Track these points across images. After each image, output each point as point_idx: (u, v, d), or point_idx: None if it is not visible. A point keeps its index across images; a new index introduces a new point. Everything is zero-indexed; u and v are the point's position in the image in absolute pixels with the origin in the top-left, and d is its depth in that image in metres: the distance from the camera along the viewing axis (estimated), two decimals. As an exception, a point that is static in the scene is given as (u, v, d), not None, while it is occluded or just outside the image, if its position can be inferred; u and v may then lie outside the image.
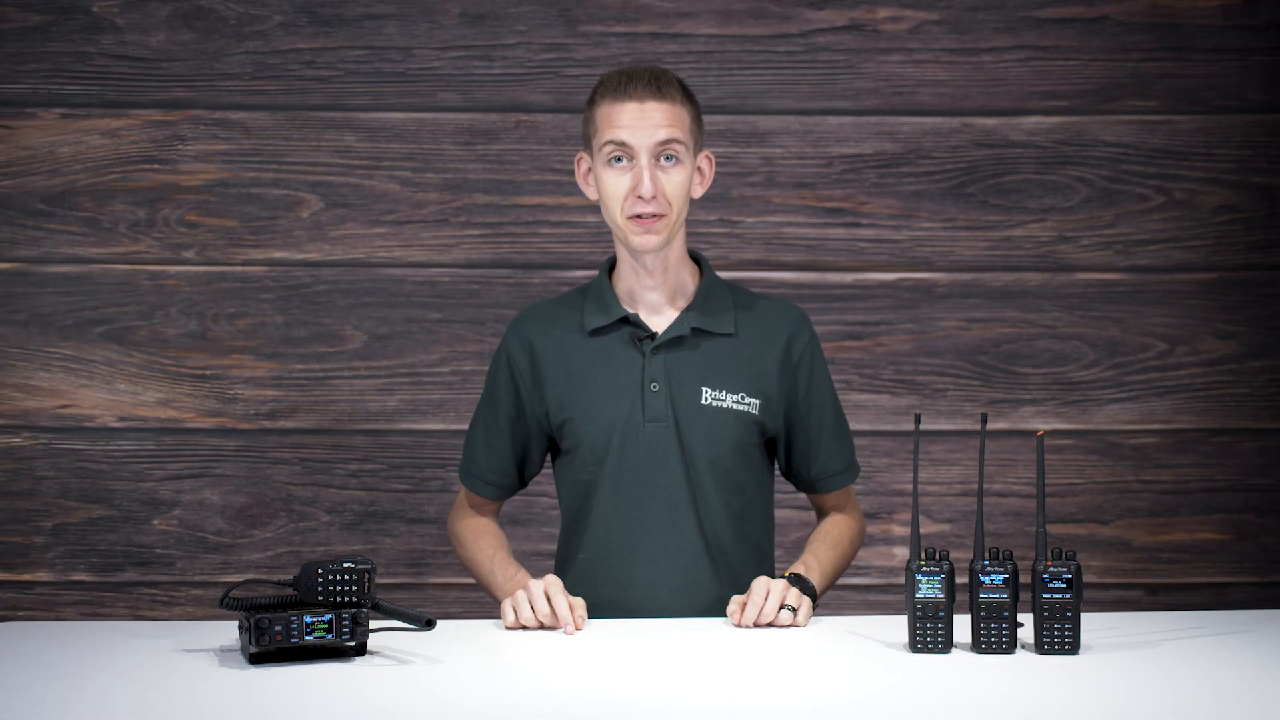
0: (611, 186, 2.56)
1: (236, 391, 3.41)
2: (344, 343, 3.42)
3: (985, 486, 3.35)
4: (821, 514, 2.74)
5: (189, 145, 3.41)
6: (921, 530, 3.29)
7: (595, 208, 3.42)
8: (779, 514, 2.79)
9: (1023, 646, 2.28)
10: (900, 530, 3.44)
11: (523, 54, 3.42)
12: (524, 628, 2.42)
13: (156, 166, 3.41)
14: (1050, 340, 3.45)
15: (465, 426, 3.34)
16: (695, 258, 2.68)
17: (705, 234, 3.40)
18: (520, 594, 2.44)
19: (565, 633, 2.40)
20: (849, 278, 3.44)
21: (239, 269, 3.42)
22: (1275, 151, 3.44)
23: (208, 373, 3.42)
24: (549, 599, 2.42)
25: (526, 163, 3.42)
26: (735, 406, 2.60)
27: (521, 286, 3.42)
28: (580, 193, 2.58)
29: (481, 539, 2.69)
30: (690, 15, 3.42)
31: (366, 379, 3.42)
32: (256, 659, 2.18)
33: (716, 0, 3.42)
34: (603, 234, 3.39)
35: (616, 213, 2.56)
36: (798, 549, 3.26)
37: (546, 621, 2.42)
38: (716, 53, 3.42)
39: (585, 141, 2.62)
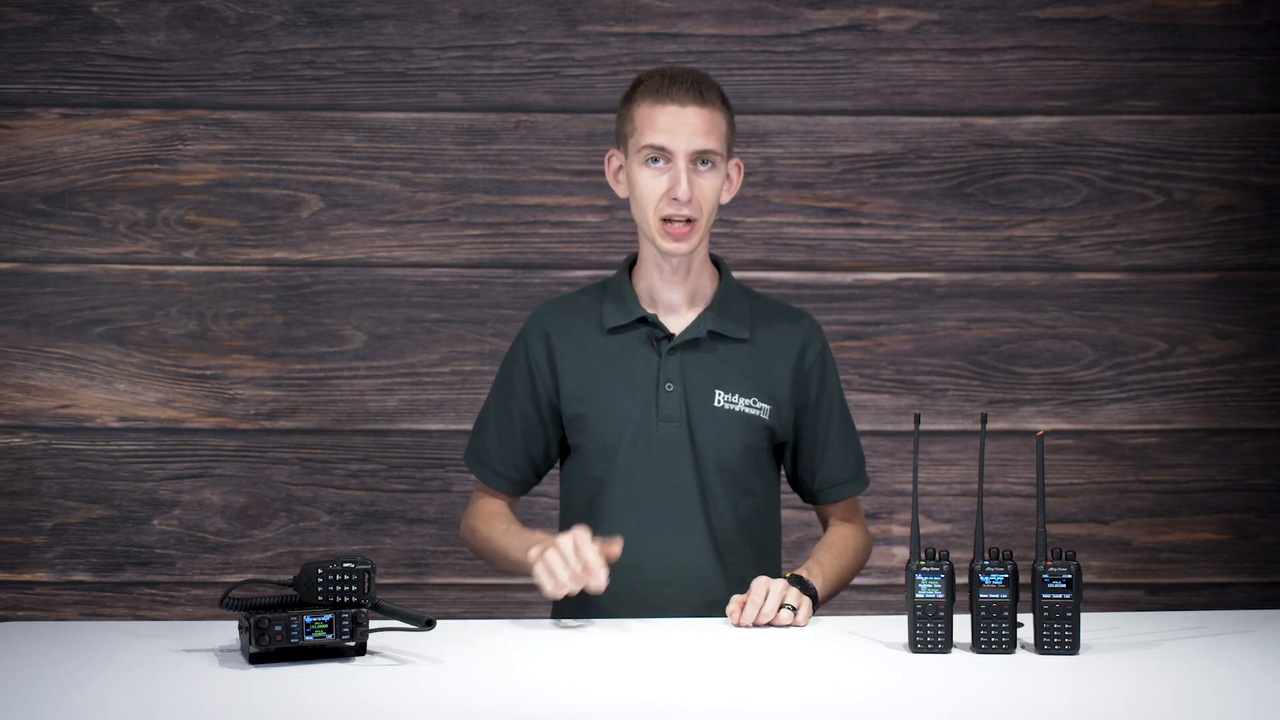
0: (646, 187, 2.55)
1: (236, 391, 3.41)
2: (344, 343, 3.42)
3: (985, 486, 3.35)
4: (827, 527, 2.73)
5: (189, 145, 3.41)
6: (921, 530, 3.29)
7: (595, 208, 3.43)
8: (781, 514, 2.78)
9: (1023, 646, 2.28)
10: (900, 530, 3.44)
11: (523, 54, 3.42)
12: (566, 596, 2.38)
13: (156, 166, 3.41)
14: (1050, 340, 3.45)
15: (465, 426, 3.34)
16: (714, 261, 2.69)
17: (705, 234, 3.40)
18: (551, 554, 2.38)
19: (595, 583, 2.35)
20: (849, 278, 3.44)
21: (239, 269, 3.42)
22: (1275, 151, 3.44)
23: (208, 373, 3.41)
24: (579, 552, 2.37)
25: (526, 163, 3.42)
26: (747, 410, 2.60)
27: (521, 286, 3.42)
28: (581, 193, 2.60)
29: (494, 520, 2.66)
30: (690, 15, 3.42)
31: (366, 379, 3.42)
32: (256, 659, 2.18)
33: (716, 0, 3.42)
34: (603, 234, 3.40)
35: (650, 213, 2.56)
36: (797, 550, 3.27)
37: (580, 574, 2.36)
38: (716, 53, 3.42)
39: (619, 139, 2.62)
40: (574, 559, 2.37)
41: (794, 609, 2.43)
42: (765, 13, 3.42)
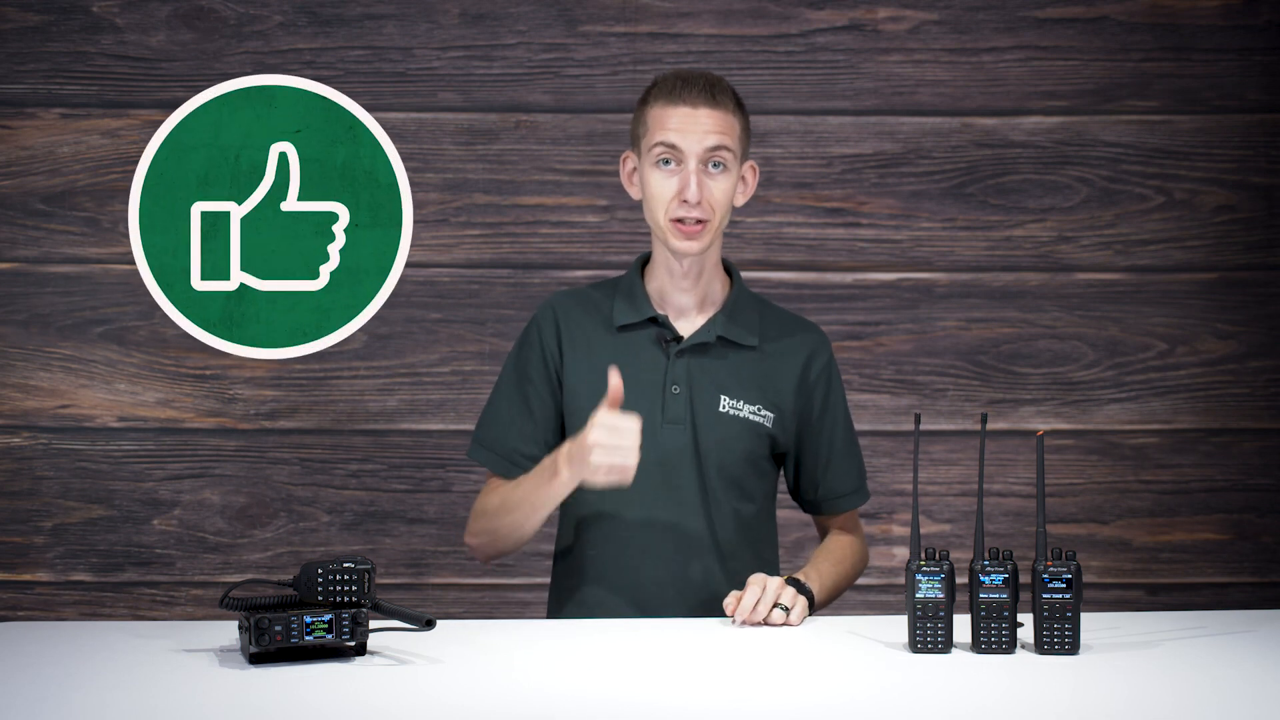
0: (657, 188, 2.56)
1: (236, 391, 3.41)
2: (344, 343, 3.42)
3: (985, 486, 3.35)
4: (824, 535, 2.73)
5: (189, 145, 3.41)
6: (921, 530, 3.29)
7: (595, 208, 3.43)
8: (779, 515, 2.78)
9: (1023, 646, 2.28)
10: (900, 530, 3.44)
11: (523, 54, 3.42)
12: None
13: (156, 166, 3.41)
14: (1050, 340, 3.45)
15: (465, 426, 3.34)
16: (726, 267, 2.69)
17: (705, 234, 3.40)
18: (598, 456, 2.38)
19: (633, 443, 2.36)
20: (849, 278, 3.44)
21: (239, 269, 3.42)
22: (1275, 151, 3.44)
23: (208, 373, 3.41)
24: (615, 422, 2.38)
25: (526, 163, 3.42)
26: (751, 417, 2.61)
27: (521, 286, 3.42)
28: (581, 193, 2.60)
29: (497, 490, 2.62)
30: (690, 15, 3.42)
31: (366, 379, 3.42)
32: (256, 659, 2.18)
33: (716, 0, 3.42)
34: (603, 234, 3.40)
35: (660, 214, 2.56)
36: (796, 550, 3.27)
37: (636, 441, 2.37)
38: (716, 53, 3.42)
39: (633, 141, 2.63)
40: (619, 430, 2.37)
41: (787, 609, 2.42)
42: (765, 13, 3.42)
